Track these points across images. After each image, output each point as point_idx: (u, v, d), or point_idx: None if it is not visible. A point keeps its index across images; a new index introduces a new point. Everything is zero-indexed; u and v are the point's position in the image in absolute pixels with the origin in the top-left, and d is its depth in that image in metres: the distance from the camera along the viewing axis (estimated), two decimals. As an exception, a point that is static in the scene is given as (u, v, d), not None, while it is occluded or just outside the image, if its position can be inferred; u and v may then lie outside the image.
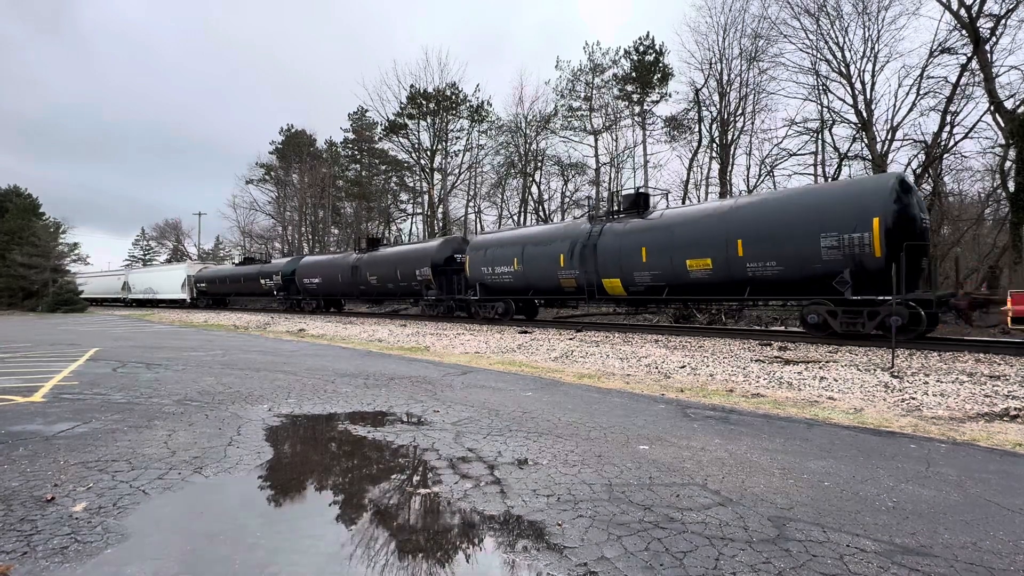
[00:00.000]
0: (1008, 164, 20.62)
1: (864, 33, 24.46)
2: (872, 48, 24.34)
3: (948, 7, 21.56)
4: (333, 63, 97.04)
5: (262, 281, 33.70)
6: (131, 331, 20.01)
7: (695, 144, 32.46)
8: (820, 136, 26.63)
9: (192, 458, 4.20)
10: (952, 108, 22.38)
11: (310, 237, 53.33)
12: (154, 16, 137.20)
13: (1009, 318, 9.70)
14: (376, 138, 50.24)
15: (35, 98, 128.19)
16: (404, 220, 49.27)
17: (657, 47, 35.99)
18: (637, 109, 36.63)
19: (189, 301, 42.58)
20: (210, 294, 41.21)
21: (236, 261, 45.71)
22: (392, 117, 42.41)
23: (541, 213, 39.25)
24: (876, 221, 10.60)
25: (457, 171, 43.20)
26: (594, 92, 37.50)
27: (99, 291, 56.16)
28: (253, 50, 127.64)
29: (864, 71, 24.51)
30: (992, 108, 20.92)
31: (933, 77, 23.07)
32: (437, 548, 2.86)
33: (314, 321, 23.62)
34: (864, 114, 24.28)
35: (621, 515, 3.10)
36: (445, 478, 3.79)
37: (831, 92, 25.97)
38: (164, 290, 45.34)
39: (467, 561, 2.73)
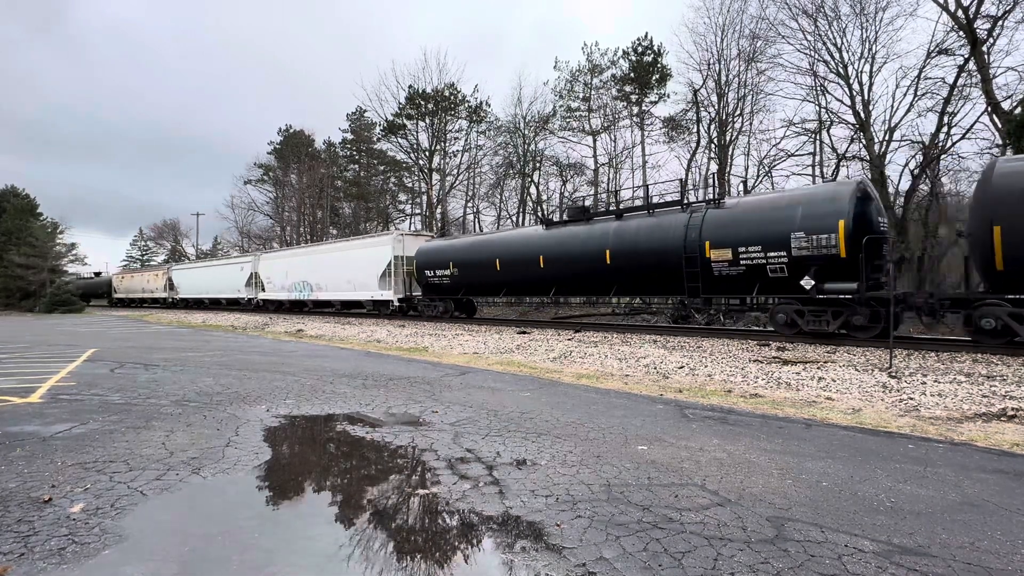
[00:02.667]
0: (1006, 165, 20.64)
1: (862, 34, 24.51)
2: (870, 49, 24.38)
3: (945, 8, 21.61)
4: (332, 63, 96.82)
5: (737, 262, 12.41)
6: (129, 332, 19.97)
7: (693, 145, 32.50)
8: (818, 137, 26.69)
9: (190, 459, 4.19)
10: (949, 109, 22.46)
11: (308, 238, 53.23)
12: (152, 16, 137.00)
13: None
14: (375, 138, 50.23)
15: (32, 98, 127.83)
16: (402, 220, 49.23)
17: (655, 48, 36.04)
18: (635, 110, 36.66)
19: (396, 305, 22.74)
20: (459, 288, 20.21)
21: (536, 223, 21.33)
22: (391, 117, 42.32)
23: (540, 213, 39.23)
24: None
25: (456, 171, 43.20)
26: (592, 93, 37.54)
27: (203, 289, 38.98)
28: (251, 50, 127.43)
29: (862, 72, 24.55)
30: (989, 109, 20.97)
31: (931, 78, 23.14)
32: (435, 549, 2.86)
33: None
34: (862, 115, 24.30)
35: (620, 515, 3.10)
36: (444, 479, 3.79)
37: (829, 93, 26.01)
38: (340, 285, 25.86)
39: (466, 562, 2.73)
